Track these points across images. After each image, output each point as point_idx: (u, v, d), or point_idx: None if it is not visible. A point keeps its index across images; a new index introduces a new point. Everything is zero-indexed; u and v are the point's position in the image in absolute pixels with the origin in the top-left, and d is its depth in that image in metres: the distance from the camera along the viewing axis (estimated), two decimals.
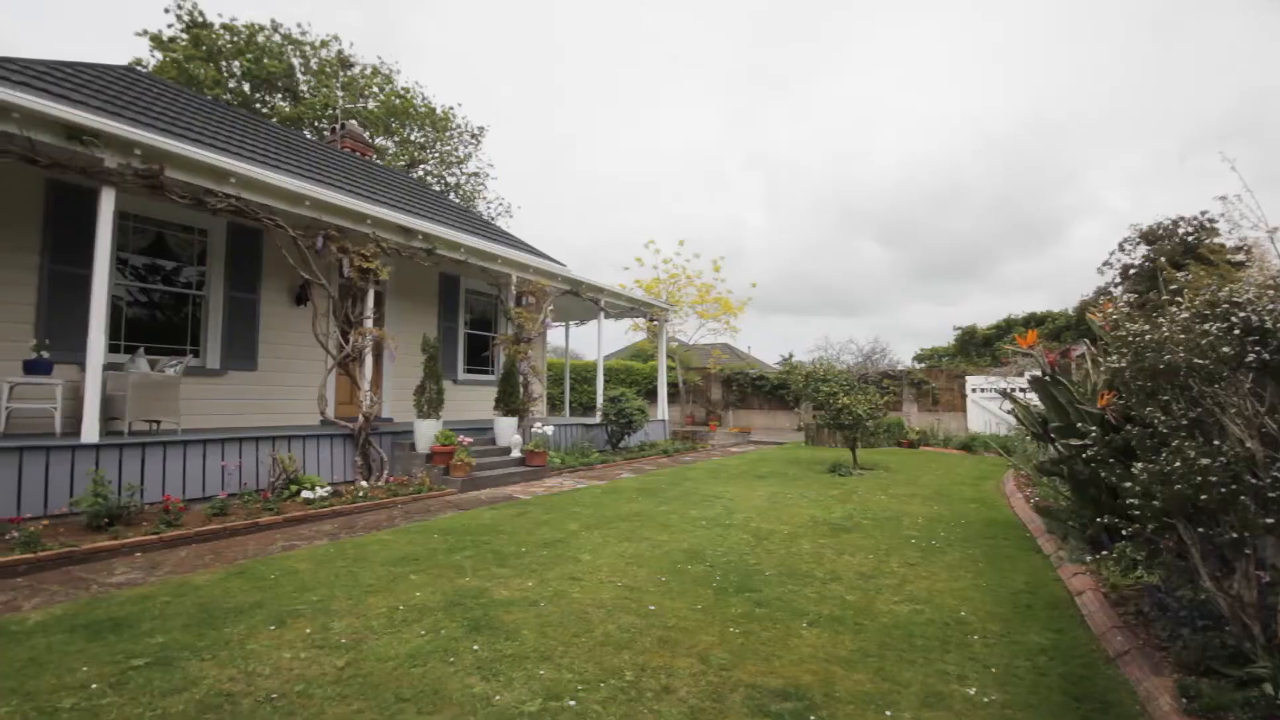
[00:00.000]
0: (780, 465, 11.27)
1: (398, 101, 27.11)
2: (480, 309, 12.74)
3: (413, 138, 28.54)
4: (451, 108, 28.95)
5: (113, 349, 7.14)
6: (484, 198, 30.81)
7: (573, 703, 2.52)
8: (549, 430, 9.79)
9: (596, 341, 13.64)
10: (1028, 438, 8.50)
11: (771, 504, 7.20)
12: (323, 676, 2.71)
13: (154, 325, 7.90)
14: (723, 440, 16.90)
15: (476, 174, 30.64)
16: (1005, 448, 11.91)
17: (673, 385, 22.39)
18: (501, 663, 2.88)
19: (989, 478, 9.91)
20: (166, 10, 23.18)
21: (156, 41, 23.01)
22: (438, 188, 28.00)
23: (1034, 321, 28.77)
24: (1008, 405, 5.96)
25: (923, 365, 25.59)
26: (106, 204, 5.87)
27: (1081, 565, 4.31)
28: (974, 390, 18.19)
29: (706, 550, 5.02)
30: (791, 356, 24.68)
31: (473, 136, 29.96)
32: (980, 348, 31.72)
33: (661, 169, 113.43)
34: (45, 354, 6.22)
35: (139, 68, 17.53)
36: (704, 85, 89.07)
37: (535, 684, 2.68)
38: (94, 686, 2.58)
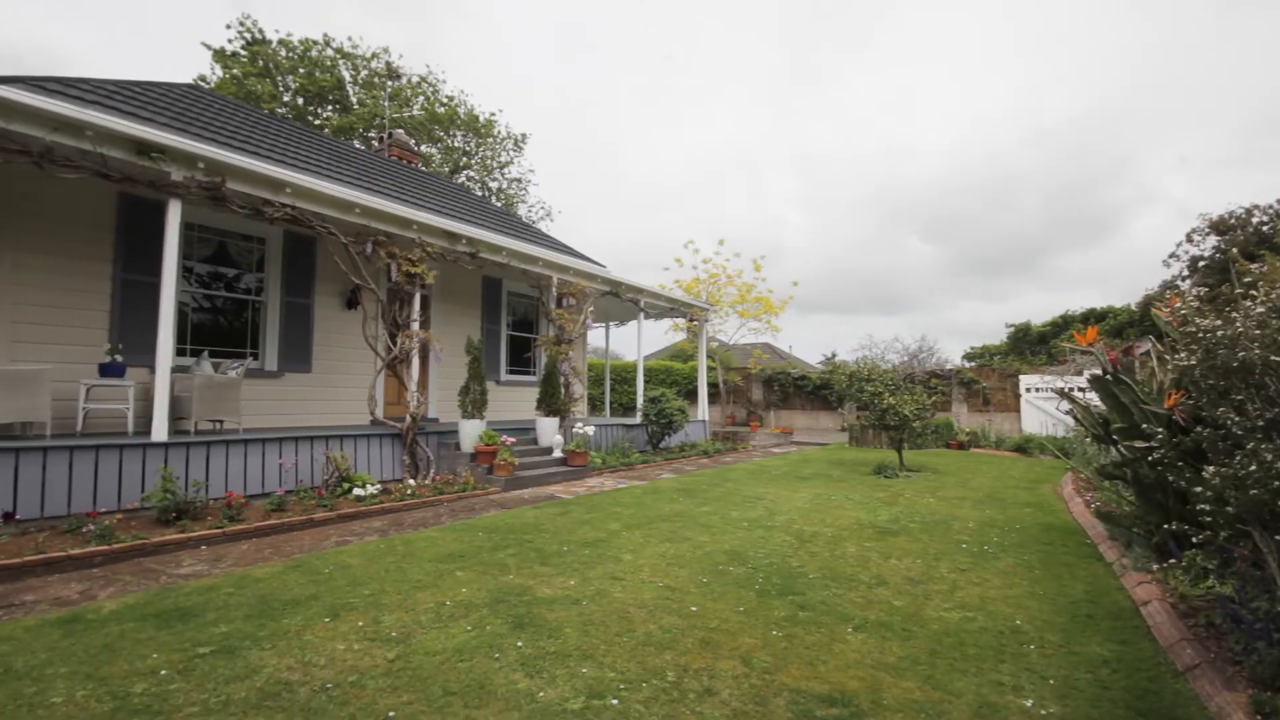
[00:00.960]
0: (823, 467, 11.08)
1: (442, 109, 27.80)
2: (522, 311, 12.95)
3: (456, 144, 29.20)
4: (493, 114, 29.53)
5: (179, 352, 7.53)
6: (525, 202, 31.33)
7: (615, 701, 2.54)
8: (590, 430, 9.87)
9: (636, 342, 13.67)
10: (1088, 440, 8.14)
11: (815, 506, 7.09)
12: (374, 668, 2.80)
13: (216, 329, 8.31)
14: (764, 441, 16.72)
15: (518, 179, 31.18)
16: (1063, 450, 11.41)
17: (713, 385, 22.27)
18: (545, 660, 2.92)
19: (1045, 481, 9.51)
20: (228, 26, 24.34)
21: (219, 56, 24.25)
22: (480, 193, 28.56)
23: (1093, 317, 27.51)
24: (1066, 405, 5.72)
25: (973, 364, 24.77)
26: (173, 215, 6.20)
27: (1147, 574, 4.09)
28: (1029, 390, 17.49)
29: (748, 552, 4.98)
30: (834, 356, 24.23)
31: (515, 143, 30.49)
32: (1035, 345, 30.49)
33: (700, 170, 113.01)
34: (119, 358, 6.62)
35: (202, 84, 18.48)
36: (744, 86, 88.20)
37: (578, 682, 2.71)
38: (163, 673, 2.73)
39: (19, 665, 2.77)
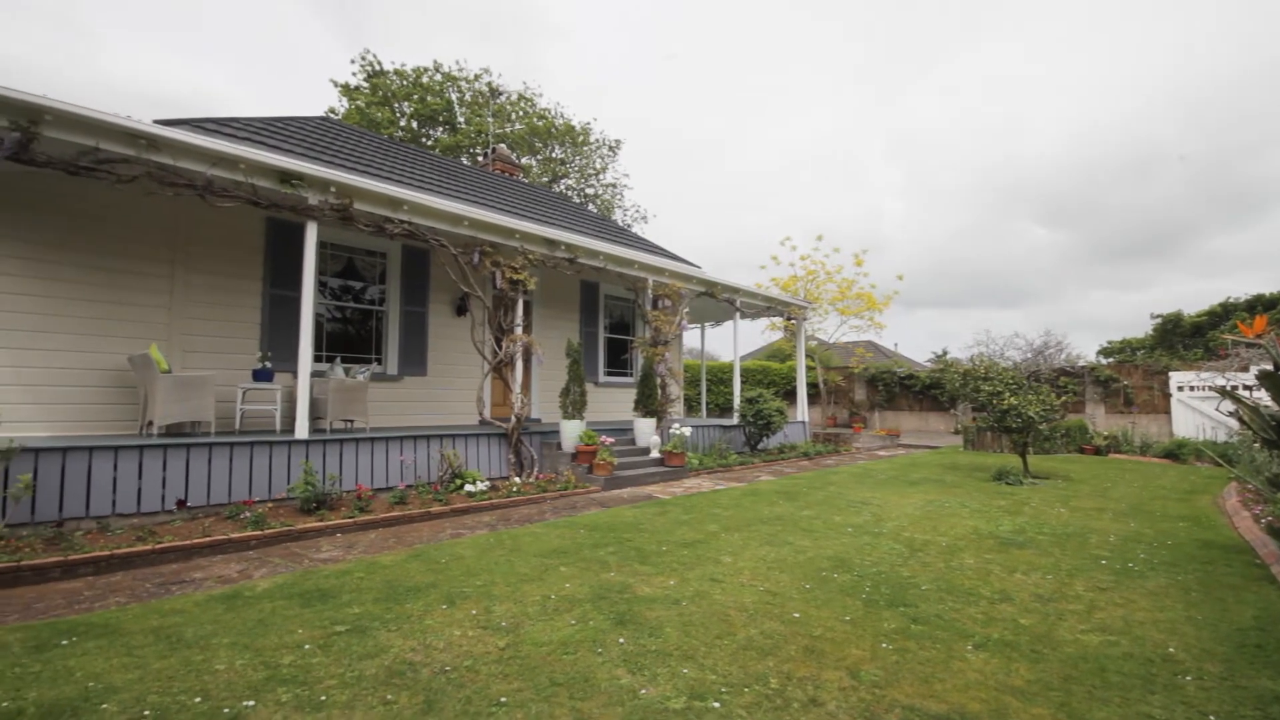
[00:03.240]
0: (935, 471, 10.41)
1: (541, 122, 28.97)
2: (618, 313, 13.20)
3: (554, 155, 30.30)
4: (588, 123, 30.34)
5: (315, 359, 8.35)
6: (620, 206, 31.92)
7: (717, 704, 2.52)
8: (686, 431, 9.88)
9: (733, 342, 13.52)
10: (1256, 445, 7.08)
11: (926, 513, 6.68)
12: (487, 655, 2.96)
13: (346, 337, 9.13)
14: (868, 443, 15.96)
15: (614, 184, 31.84)
16: (1225, 457, 10.01)
17: (812, 386, 21.56)
18: (646, 657, 2.96)
19: (1203, 492, 8.39)
20: (352, 60, 26.94)
21: (345, 90, 26.79)
22: (577, 200, 29.44)
23: (1261, 305, 23.94)
24: (1229, 406, 5.02)
25: (1110, 360, 22.29)
26: (310, 235, 6.89)
27: None
28: (1180, 388, 15.51)
29: (853, 559, 4.78)
30: (945, 353, 22.70)
31: (610, 149, 31.17)
32: (1187, 338, 26.95)
33: (792, 165, 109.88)
34: (268, 364, 7.45)
35: (332, 116, 20.40)
36: (835, 76, 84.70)
37: (679, 681, 2.72)
38: (306, 647, 3.03)
39: (189, 635, 3.18)
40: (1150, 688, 2.74)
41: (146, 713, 2.38)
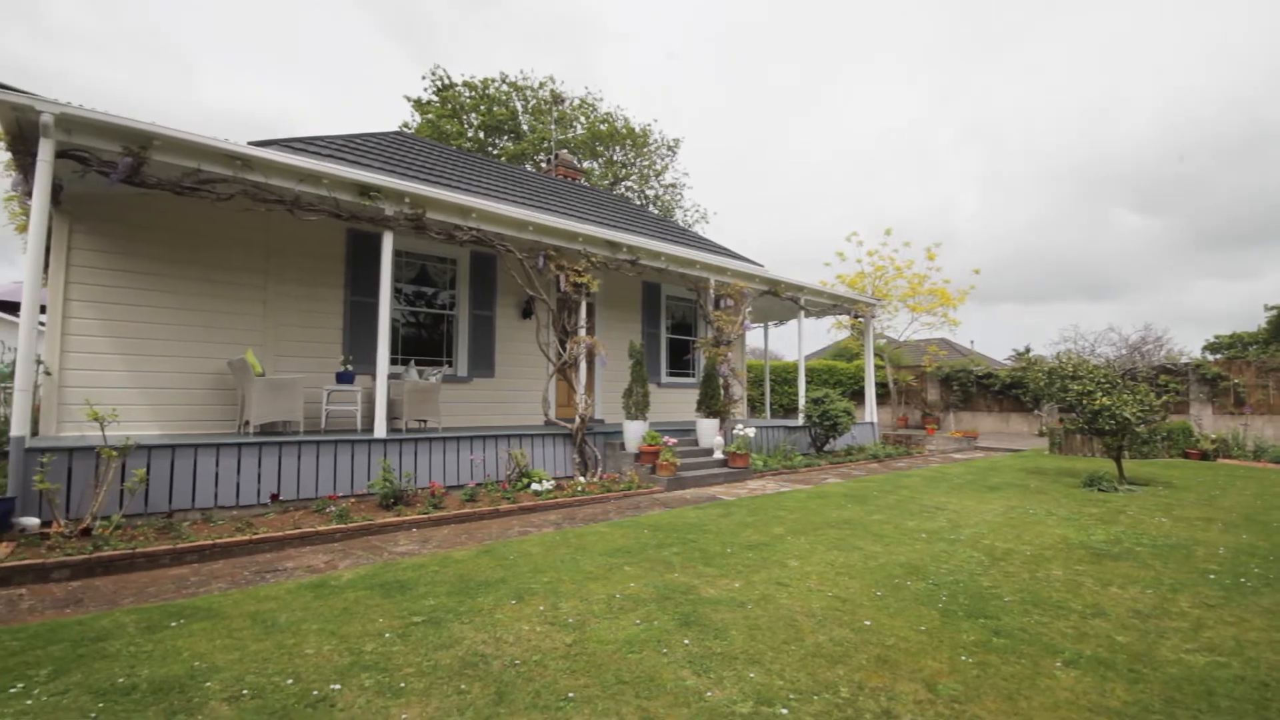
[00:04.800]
0: (1017, 476, 9.84)
1: (603, 127, 29.38)
2: (680, 314, 13.18)
3: (615, 157, 30.64)
4: (648, 124, 30.49)
5: (391, 362, 8.76)
6: (681, 206, 31.90)
7: (785, 711, 2.48)
8: (750, 432, 9.75)
9: (797, 341, 13.24)
10: None
11: (1008, 520, 6.32)
12: (554, 650, 3.03)
13: (419, 341, 9.54)
14: (942, 446, 15.25)
15: (674, 184, 31.86)
16: None
17: (881, 385, 20.81)
18: (711, 660, 2.94)
19: None
20: (423, 76, 28.31)
21: (417, 105, 28.14)
22: (638, 201, 29.63)
23: None
24: None
25: (1218, 356, 20.40)
26: (387, 245, 7.25)
27: None
28: None
29: (928, 566, 4.58)
30: (1028, 350, 21.45)
31: (669, 149, 31.22)
32: None
33: (856, 159, 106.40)
34: (350, 367, 7.88)
35: (405, 130, 21.40)
36: (903, 65, 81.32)
37: (746, 685, 2.69)
38: (386, 635, 3.19)
39: (282, 620, 3.40)
40: (1265, 714, 2.49)
41: (245, 692, 2.57)
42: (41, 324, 6.41)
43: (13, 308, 13.51)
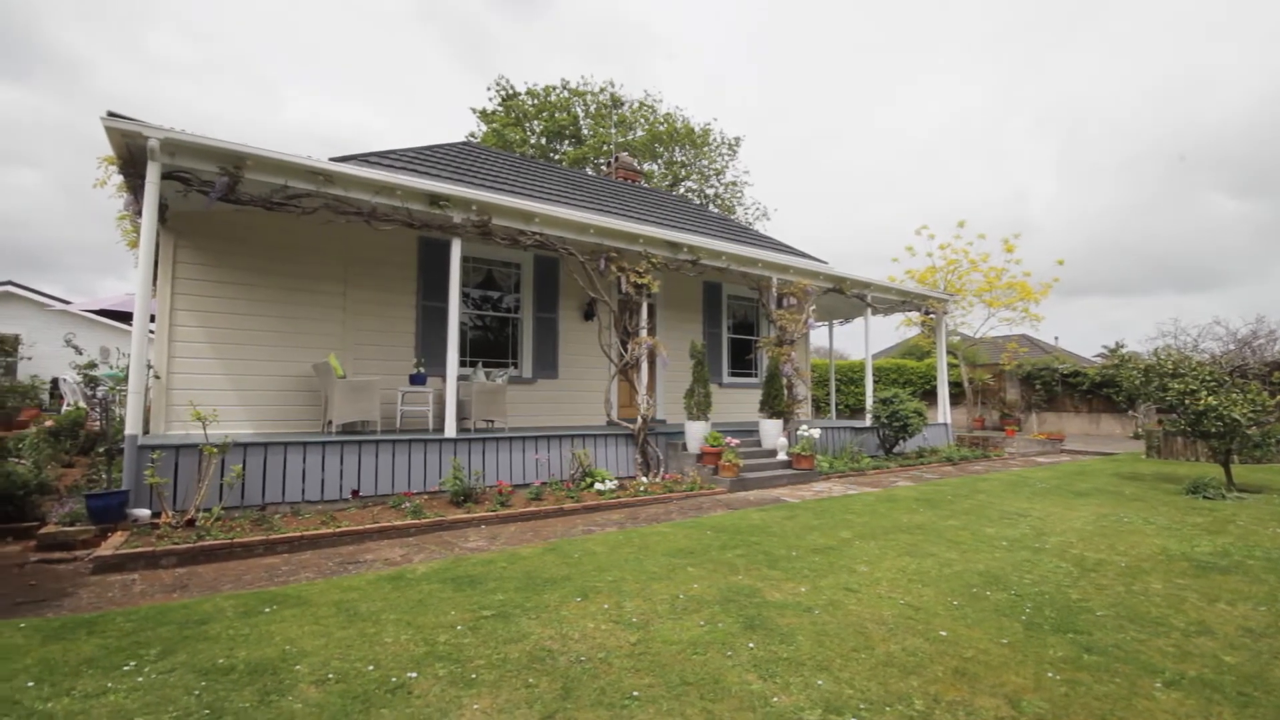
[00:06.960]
0: (1109, 481, 9.16)
1: (662, 128, 29.47)
2: (741, 313, 13.02)
3: (675, 158, 30.66)
4: (709, 123, 30.34)
5: (460, 364, 9.08)
6: (741, 204, 31.54)
7: None
8: (815, 433, 9.52)
9: (864, 339, 12.81)
10: None
11: (1099, 529, 5.90)
12: (619, 648, 3.06)
13: (486, 343, 9.85)
14: (1023, 448, 14.38)
15: (734, 183, 31.55)
16: None
17: (955, 385, 19.82)
18: (777, 665, 2.89)
19: None
20: (488, 88, 29.38)
21: (482, 115, 29.15)
22: (698, 201, 29.50)
23: None
24: None
25: None
26: (455, 251, 7.53)
27: None
28: None
29: (1010, 576, 4.34)
30: (1120, 346, 19.92)
31: (729, 147, 30.93)
32: None
33: (922, 151, 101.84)
34: (422, 369, 8.23)
35: (471, 140, 22.19)
36: (969, 52, 77.03)
37: (813, 692, 2.63)
38: (458, 628, 3.31)
39: (363, 609, 3.59)
40: None
41: (330, 676, 2.73)
42: (151, 332, 7.03)
43: (125, 317, 14.92)
